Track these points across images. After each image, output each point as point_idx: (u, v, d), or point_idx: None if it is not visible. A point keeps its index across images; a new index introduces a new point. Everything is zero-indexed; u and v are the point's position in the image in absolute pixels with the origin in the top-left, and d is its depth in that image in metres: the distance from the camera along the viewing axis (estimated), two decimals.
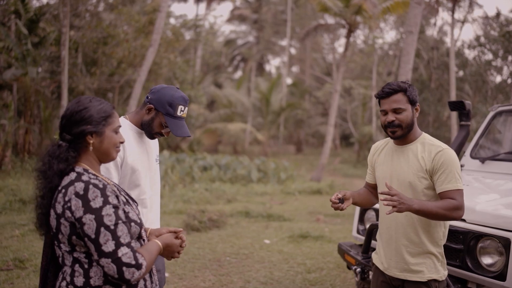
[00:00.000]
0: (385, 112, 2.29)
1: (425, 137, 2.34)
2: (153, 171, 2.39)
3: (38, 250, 5.24)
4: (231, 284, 4.54)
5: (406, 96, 2.26)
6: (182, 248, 1.84)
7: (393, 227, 2.33)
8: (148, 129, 2.31)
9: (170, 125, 2.27)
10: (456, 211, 2.15)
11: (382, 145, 2.49)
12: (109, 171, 2.14)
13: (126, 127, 2.27)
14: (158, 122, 2.29)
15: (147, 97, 2.31)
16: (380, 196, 2.23)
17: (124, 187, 2.23)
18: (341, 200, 2.27)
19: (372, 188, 2.58)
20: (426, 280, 2.25)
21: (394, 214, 2.30)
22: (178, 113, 2.28)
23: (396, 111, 2.25)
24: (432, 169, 2.22)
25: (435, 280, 2.27)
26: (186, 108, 2.33)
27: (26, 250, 5.24)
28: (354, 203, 2.41)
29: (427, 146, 2.28)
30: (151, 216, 2.38)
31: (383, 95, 2.28)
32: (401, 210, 2.06)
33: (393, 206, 2.05)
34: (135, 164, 2.24)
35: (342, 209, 2.25)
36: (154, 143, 2.47)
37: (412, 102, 2.28)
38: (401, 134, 2.28)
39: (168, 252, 1.79)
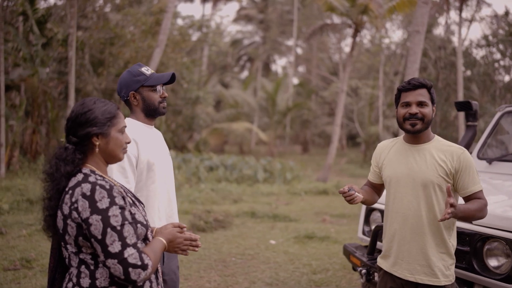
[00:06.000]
0: (407, 104, 2.29)
1: (439, 139, 2.35)
2: (167, 165, 2.41)
3: (45, 250, 5.28)
4: (236, 285, 4.55)
5: (430, 94, 2.30)
6: (189, 242, 1.81)
7: (407, 229, 2.30)
8: (153, 108, 2.31)
9: (153, 84, 2.28)
10: (484, 211, 2.24)
11: (390, 144, 2.46)
12: (125, 171, 2.15)
13: (135, 125, 2.28)
14: (148, 95, 2.29)
15: (122, 97, 2.33)
16: (448, 208, 2.10)
17: (142, 185, 2.24)
18: (350, 189, 2.22)
19: (375, 187, 2.57)
20: (441, 285, 2.25)
21: (405, 216, 2.30)
22: (148, 73, 2.30)
23: (420, 104, 2.27)
24: (456, 171, 2.24)
25: (447, 285, 2.28)
26: (146, 66, 2.35)
27: (33, 250, 5.28)
28: (362, 201, 2.38)
29: (445, 148, 2.29)
30: (169, 211, 2.38)
31: (409, 87, 2.29)
32: (459, 214, 2.10)
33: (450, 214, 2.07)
34: (150, 159, 2.25)
35: (354, 201, 2.21)
36: (162, 139, 2.48)
37: (433, 101, 2.32)
38: (420, 128, 2.27)
39: (173, 247, 1.79)
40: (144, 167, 2.23)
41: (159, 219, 2.28)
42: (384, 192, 2.58)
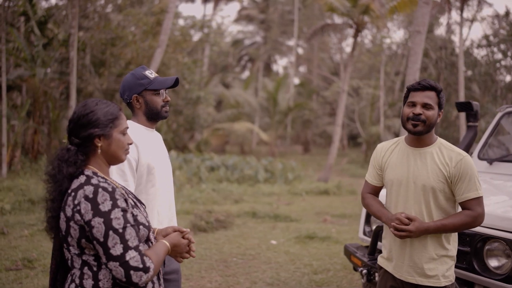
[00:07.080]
0: (412, 104, 2.29)
1: (442, 141, 2.33)
2: (167, 169, 2.40)
3: (46, 250, 5.30)
4: (237, 285, 4.56)
5: (438, 98, 2.29)
6: (190, 249, 1.84)
7: None
8: (155, 112, 2.31)
9: (157, 88, 2.28)
10: (475, 222, 2.22)
11: (392, 146, 2.44)
12: (125, 174, 2.14)
13: (135, 128, 2.27)
14: (151, 99, 2.29)
15: (124, 99, 2.32)
16: (391, 229, 2.25)
17: (141, 188, 2.23)
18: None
19: (377, 191, 2.55)
20: (442, 286, 2.26)
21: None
22: (151, 76, 2.29)
23: (426, 106, 2.26)
24: (454, 177, 2.23)
25: (447, 285, 2.29)
26: (150, 70, 2.34)
27: (35, 250, 5.30)
28: None
29: (446, 152, 2.27)
30: (169, 215, 2.37)
31: (418, 88, 2.29)
32: (415, 236, 2.21)
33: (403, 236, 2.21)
34: (151, 162, 2.24)
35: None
36: (162, 143, 2.47)
37: (440, 106, 2.30)
38: (421, 130, 2.26)
39: (176, 252, 1.80)
40: (144, 171, 2.22)
41: (159, 222, 2.28)
42: (383, 193, 2.58)
